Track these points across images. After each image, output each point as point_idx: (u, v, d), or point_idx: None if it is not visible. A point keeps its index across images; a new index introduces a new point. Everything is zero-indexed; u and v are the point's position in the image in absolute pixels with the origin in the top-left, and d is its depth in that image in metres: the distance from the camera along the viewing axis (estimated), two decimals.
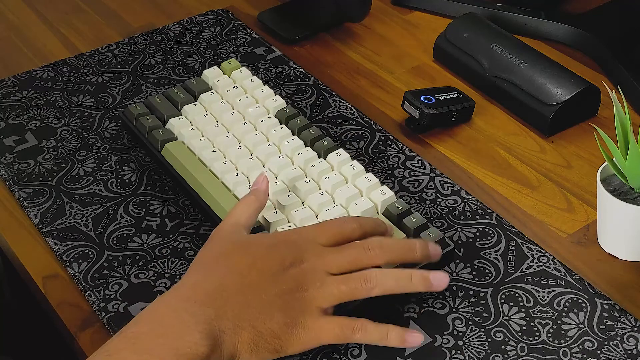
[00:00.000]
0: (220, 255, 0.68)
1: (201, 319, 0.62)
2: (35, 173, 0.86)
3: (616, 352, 0.68)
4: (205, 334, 0.62)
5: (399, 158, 0.88)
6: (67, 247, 0.78)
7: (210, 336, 0.62)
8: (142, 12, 1.13)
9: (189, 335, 0.61)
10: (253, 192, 0.74)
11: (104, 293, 0.74)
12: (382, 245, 0.69)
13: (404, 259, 0.69)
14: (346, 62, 1.03)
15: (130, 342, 0.61)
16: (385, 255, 0.68)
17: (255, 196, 0.73)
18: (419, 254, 0.70)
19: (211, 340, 0.62)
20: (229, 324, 0.63)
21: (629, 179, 0.74)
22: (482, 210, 0.81)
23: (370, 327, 0.66)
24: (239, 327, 0.63)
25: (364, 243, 0.68)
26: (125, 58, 1.02)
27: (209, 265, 0.68)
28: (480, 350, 0.69)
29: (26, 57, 1.04)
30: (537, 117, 0.91)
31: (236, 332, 0.63)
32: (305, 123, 0.86)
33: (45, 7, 1.14)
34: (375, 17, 1.10)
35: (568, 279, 0.75)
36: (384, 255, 0.68)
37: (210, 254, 0.69)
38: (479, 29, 0.99)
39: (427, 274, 0.68)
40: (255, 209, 0.73)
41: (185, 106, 0.89)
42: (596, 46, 1.01)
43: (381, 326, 0.67)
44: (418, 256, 0.70)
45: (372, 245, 0.68)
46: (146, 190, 0.84)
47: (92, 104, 0.95)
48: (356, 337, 0.66)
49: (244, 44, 1.05)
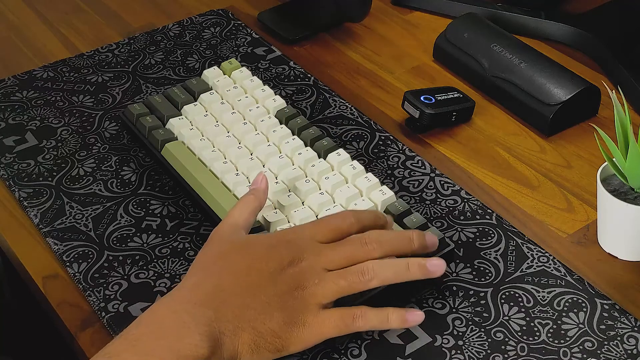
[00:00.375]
0: (219, 257, 0.68)
1: (201, 321, 0.62)
2: (35, 173, 0.86)
3: (616, 352, 0.68)
4: (206, 336, 0.62)
5: (399, 158, 0.88)
6: (67, 247, 0.78)
7: (211, 338, 0.62)
8: (142, 12, 1.13)
9: (189, 337, 0.61)
10: (252, 191, 0.74)
11: (104, 293, 0.74)
12: (379, 238, 0.69)
13: (402, 250, 0.69)
14: (346, 62, 1.03)
15: (131, 344, 0.61)
16: (382, 248, 0.68)
17: (254, 195, 0.73)
18: (416, 245, 0.70)
19: (211, 341, 0.62)
20: (228, 325, 0.63)
21: (629, 179, 0.74)
22: (482, 210, 0.81)
23: (370, 312, 0.66)
24: (239, 329, 0.63)
25: (361, 238, 0.68)
26: (125, 58, 1.02)
27: (207, 267, 0.68)
28: (480, 350, 0.69)
29: (26, 57, 1.04)
30: (537, 117, 0.91)
31: (236, 333, 0.63)
32: (305, 123, 0.86)
33: (45, 7, 1.14)
34: (375, 17, 1.10)
35: (568, 279, 0.75)
36: (382, 249, 0.68)
37: (209, 255, 0.69)
38: (479, 29, 0.99)
39: (423, 262, 0.68)
40: (254, 208, 0.73)
41: (185, 106, 0.89)
42: (596, 46, 1.01)
43: (381, 310, 0.67)
44: (415, 247, 0.70)
45: (369, 239, 0.68)
46: (146, 190, 0.84)
47: (92, 104, 0.95)
48: (357, 324, 0.66)
49: (244, 44, 1.05)
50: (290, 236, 0.69)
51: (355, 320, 0.66)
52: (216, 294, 0.65)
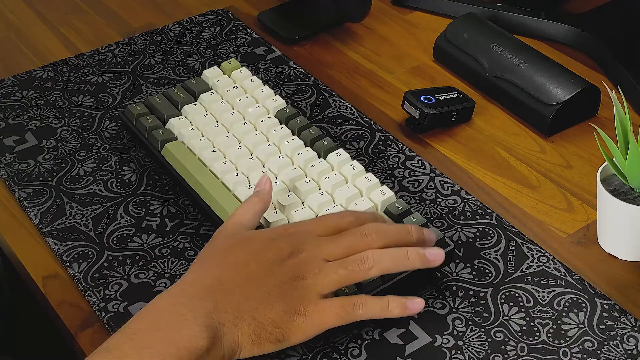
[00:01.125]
0: (220, 252, 0.68)
1: (200, 313, 0.63)
2: (35, 173, 0.86)
3: (616, 352, 0.68)
4: (205, 327, 0.62)
5: (399, 158, 0.88)
6: (67, 247, 0.78)
7: (210, 329, 0.62)
8: (142, 12, 1.13)
9: (189, 329, 0.61)
10: (256, 193, 0.74)
11: (104, 293, 0.74)
12: (378, 230, 0.69)
13: (400, 242, 0.69)
14: (346, 62, 1.03)
15: (129, 337, 0.61)
16: (381, 239, 0.68)
17: (258, 197, 0.73)
18: (415, 237, 0.70)
19: (211, 333, 0.62)
20: (228, 316, 0.63)
21: (629, 179, 0.74)
22: (482, 210, 0.81)
23: (370, 300, 0.66)
24: (239, 319, 0.63)
25: (360, 229, 0.69)
26: (125, 58, 1.02)
27: (207, 262, 0.68)
28: (480, 350, 0.69)
29: (26, 57, 1.04)
30: (537, 117, 0.91)
31: (236, 324, 0.63)
32: (305, 123, 0.86)
33: (45, 7, 1.14)
34: (375, 17, 1.10)
35: (568, 279, 0.75)
36: (381, 240, 0.68)
37: (210, 251, 0.69)
38: (479, 29, 0.99)
39: (422, 251, 0.68)
40: (259, 210, 0.73)
41: (185, 106, 0.89)
42: (596, 46, 1.01)
43: (381, 298, 0.67)
44: (414, 239, 0.70)
45: (368, 230, 0.68)
46: (146, 190, 0.84)
47: (92, 104, 0.95)
48: (358, 313, 0.66)
49: (244, 44, 1.05)
50: (290, 230, 0.69)
51: (356, 308, 0.66)
52: (215, 286, 0.65)
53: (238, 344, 0.63)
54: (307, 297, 0.65)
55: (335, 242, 0.68)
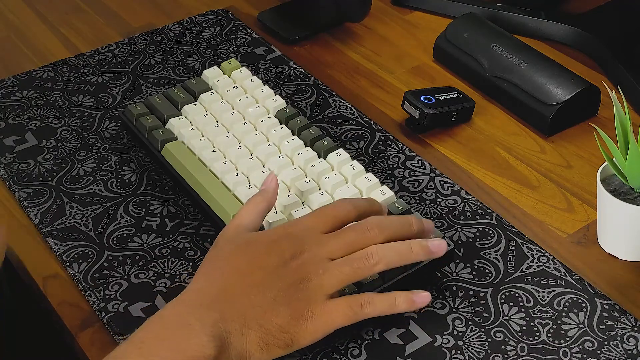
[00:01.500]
0: (222, 259, 0.68)
1: (207, 322, 0.62)
2: (35, 173, 0.86)
3: (616, 352, 0.68)
4: (212, 337, 0.62)
5: (399, 158, 0.88)
6: (67, 247, 0.78)
7: (217, 338, 0.62)
8: (142, 12, 1.13)
9: (196, 338, 0.61)
10: (260, 192, 0.73)
11: (104, 293, 0.74)
12: (380, 224, 0.68)
13: (402, 235, 0.69)
14: (346, 62, 1.03)
15: (137, 346, 0.61)
16: (384, 233, 0.68)
17: (262, 197, 0.73)
18: (416, 228, 0.70)
19: (218, 342, 0.62)
20: (235, 325, 0.63)
21: (629, 179, 0.74)
22: (482, 210, 0.81)
23: (377, 298, 0.66)
24: (246, 327, 0.63)
25: (362, 224, 0.68)
26: (125, 58, 1.02)
27: (211, 270, 0.67)
28: (480, 350, 0.69)
29: (26, 57, 1.04)
30: (537, 117, 0.91)
31: (243, 332, 0.63)
32: (305, 123, 0.86)
33: (45, 7, 1.14)
34: (375, 17, 1.10)
35: (568, 279, 0.75)
36: (383, 234, 0.68)
37: (214, 258, 0.69)
38: (479, 29, 0.99)
39: (425, 243, 0.68)
40: (262, 209, 0.72)
41: (185, 106, 0.89)
42: (596, 46, 1.01)
43: (387, 294, 0.67)
44: (415, 230, 0.70)
45: (370, 225, 0.68)
46: (146, 190, 0.84)
47: (92, 104, 0.95)
48: (365, 311, 0.66)
49: (244, 44, 1.05)
50: (290, 229, 0.69)
51: (364, 306, 0.66)
52: (221, 295, 0.65)
53: (247, 352, 0.63)
54: (313, 299, 0.65)
55: (337, 238, 0.68)
